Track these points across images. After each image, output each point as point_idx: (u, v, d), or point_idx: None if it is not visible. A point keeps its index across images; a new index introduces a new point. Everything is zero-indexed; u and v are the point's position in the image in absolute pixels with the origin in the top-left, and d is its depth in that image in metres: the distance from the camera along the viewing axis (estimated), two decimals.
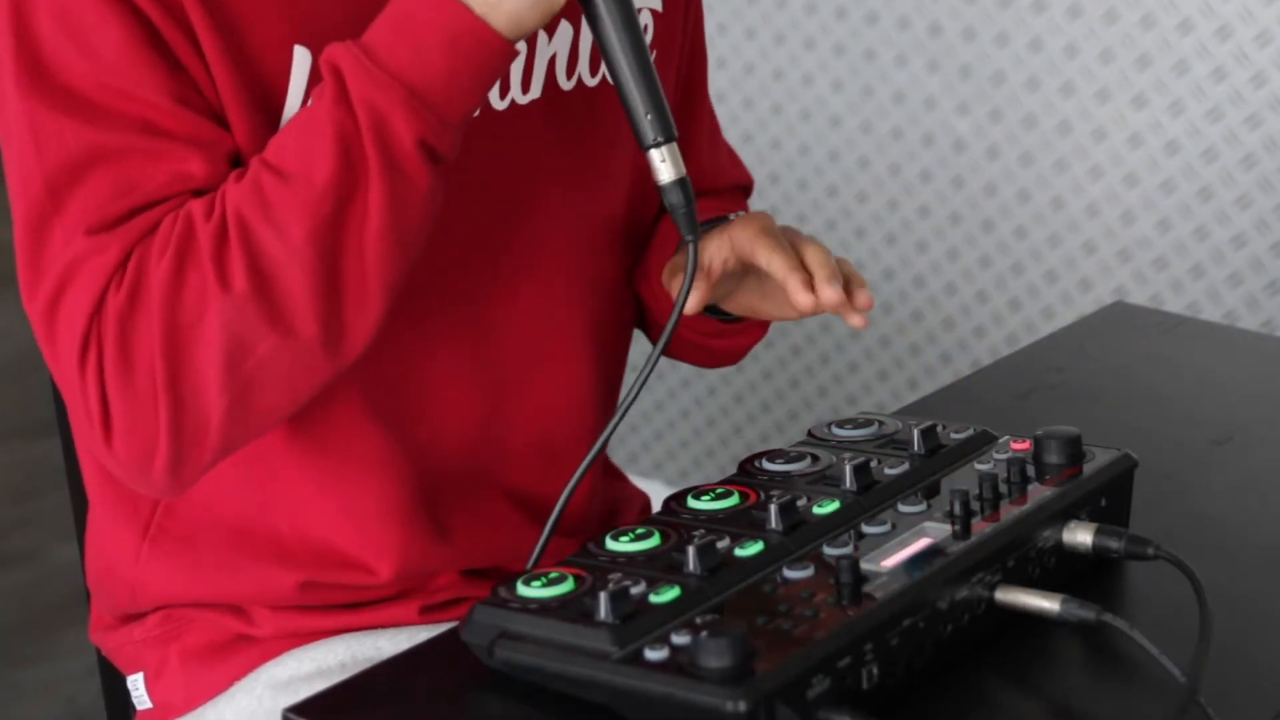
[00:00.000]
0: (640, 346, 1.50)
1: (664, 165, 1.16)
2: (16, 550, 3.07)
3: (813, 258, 1.24)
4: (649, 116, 1.16)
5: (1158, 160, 2.34)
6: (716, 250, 1.26)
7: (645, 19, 1.36)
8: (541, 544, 1.15)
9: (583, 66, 1.33)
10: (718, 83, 2.71)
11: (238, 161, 1.18)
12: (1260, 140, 2.26)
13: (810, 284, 1.22)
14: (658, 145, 1.16)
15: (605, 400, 1.40)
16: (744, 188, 1.58)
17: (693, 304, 1.22)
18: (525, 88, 1.29)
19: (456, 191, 1.22)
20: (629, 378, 1.51)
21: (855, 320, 1.24)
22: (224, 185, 1.15)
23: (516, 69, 1.28)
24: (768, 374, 2.80)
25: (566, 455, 1.33)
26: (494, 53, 1.12)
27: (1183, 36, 2.28)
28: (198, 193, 1.16)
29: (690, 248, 1.17)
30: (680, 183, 1.16)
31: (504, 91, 1.28)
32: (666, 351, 1.42)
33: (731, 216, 1.36)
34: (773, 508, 1.11)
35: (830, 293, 1.21)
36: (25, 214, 1.16)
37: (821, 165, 2.66)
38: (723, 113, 2.60)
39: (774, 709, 0.94)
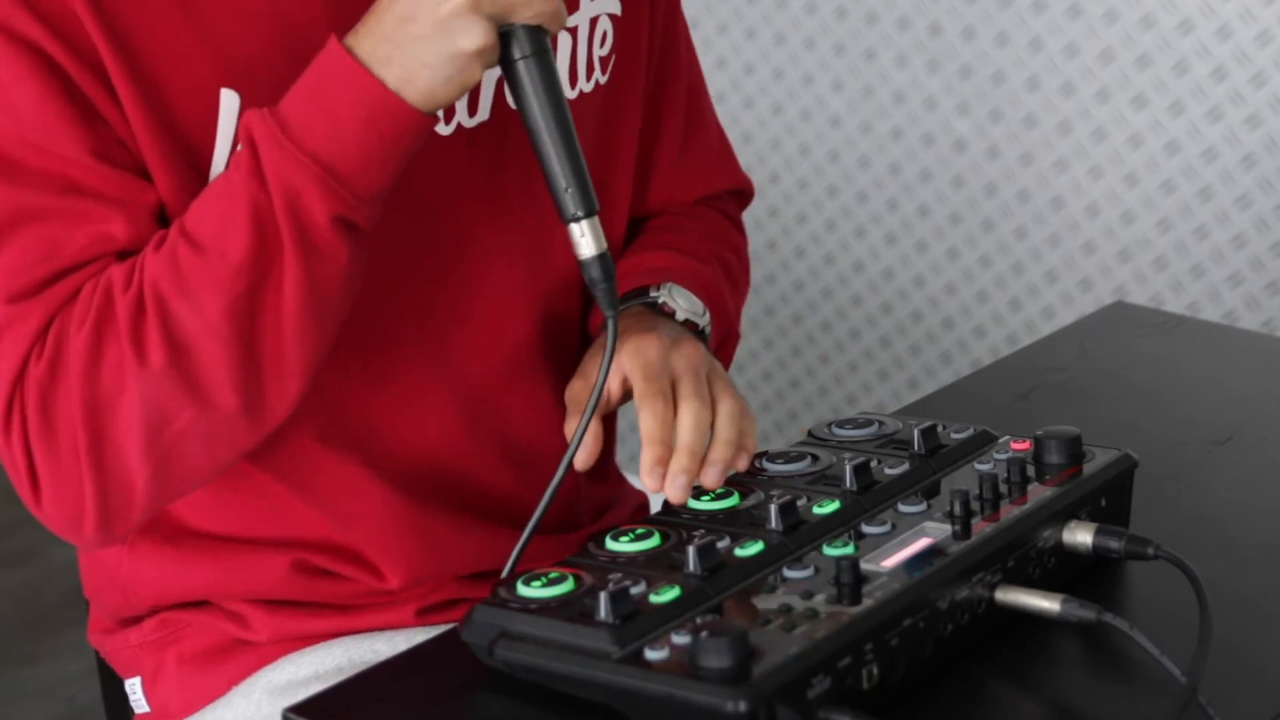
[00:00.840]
0: None
1: (584, 240, 1.15)
2: (16, 550, 3.07)
3: (682, 422, 1.19)
4: (568, 190, 1.14)
5: (1158, 160, 2.34)
6: (612, 375, 1.24)
7: (604, 25, 1.33)
8: (516, 554, 1.14)
9: None
10: (717, 83, 2.70)
11: (164, 216, 1.17)
12: (1260, 140, 2.26)
13: (662, 459, 1.17)
14: (577, 220, 1.15)
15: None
16: (736, 192, 1.54)
17: (582, 460, 1.19)
18: (472, 110, 1.27)
19: (409, 217, 1.22)
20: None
21: (673, 495, 1.18)
22: (144, 252, 1.14)
23: (458, 104, 1.26)
24: (768, 374, 2.80)
25: (542, 460, 1.33)
26: (409, 126, 1.11)
27: (1183, 36, 2.28)
28: (121, 254, 1.15)
29: (609, 323, 1.16)
30: (600, 258, 1.15)
31: (449, 116, 1.26)
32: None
33: (653, 292, 1.34)
34: (773, 508, 1.11)
35: (652, 484, 1.16)
36: None
37: (821, 165, 2.66)
38: (723, 113, 2.59)
39: (774, 709, 0.94)
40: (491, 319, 1.31)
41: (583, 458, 1.20)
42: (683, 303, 1.34)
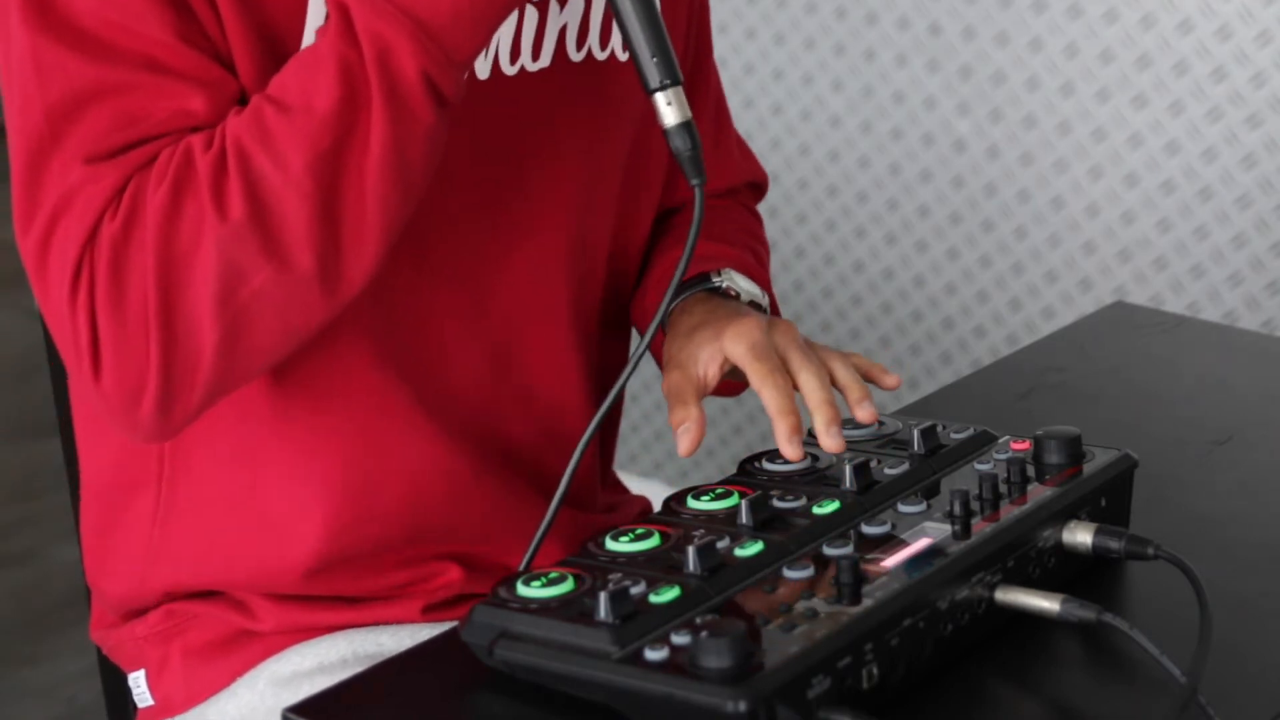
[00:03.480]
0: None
1: (669, 109, 1.15)
2: (16, 550, 3.07)
3: (807, 388, 1.21)
4: (655, 60, 1.15)
5: (1158, 160, 2.34)
6: (710, 360, 1.25)
7: None
8: (537, 540, 1.15)
9: (593, 39, 1.33)
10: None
11: (243, 103, 1.17)
12: (1260, 140, 2.26)
13: (798, 428, 1.18)
14: (663, 88, 1.15)
15: (592, 372, 1.40)
16: (754, 185, 1.57)
17: (689, 443, 1.20)
18: (535, 55, 1.29)
19: (460, 150, 1.22)
20: (647, 369, 1.51)
21: (860, 415, 1.22)
22: (225, 119, 1.14)
23: (528, 36, 1.28)
24: None
25: (564, 428, 1.34)
26: None
27: (1183, 36, 2.28)
28: (198, 130, 1.15)
29: (696, 191, 1.16)
30: (685, 125, 1.15)
31: (514, 56, 1.28)
32: (634, 319, 1.42)
33: (714, 277, 1.35)
34: (773, 507, 1.11)
35: (831, 443, 1.18)
36: (24, 147, 1.15)
37: (821, 165, 2.66)
38: None
39: (774, 709, 0.94)
40: (529, 268, 1.32)
41: (688, 442, 1.20)
42: (744, 284, 1.36)
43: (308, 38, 1.18)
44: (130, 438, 1.25)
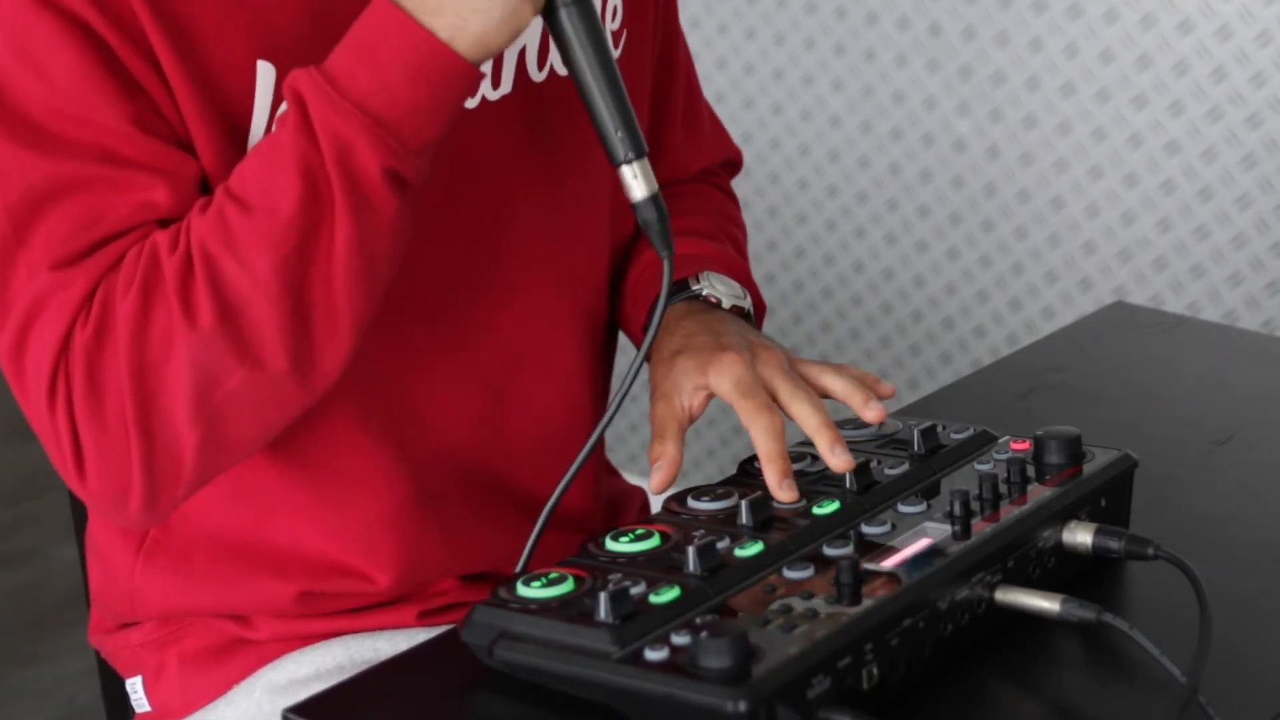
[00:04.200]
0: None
1: (636, 182, 1.14)
2: (16, 550, 3.07)
3: (801, 416, 1.20)
4: (619, 134, 1.14)
5: (1158, 160, 2.34)
6: (694, 393, 1.24)
7: (614, 0, 1.35)
8: (531, 543, 1.14)
9: (554, 56, 1.30)
10: (717, 83, 2.71)
11: (205, 187, 1.17)
12: (1260, 140, 2.26)
13: (787, 472, 1.16)
14: (629, 162, 1.14)
15: (599, 393, 1.39)
16: (728, 163, 1.55)
17: (658, 481, 1.20)
18: (496, 83, 1.27)
19: (433, 194, 1.21)
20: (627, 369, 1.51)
21: (869, 415, 1.22)
22: (189, 216, 1.13)
23: (485, 65, 1.27)
24: None
25: (564, 453, 1.33)
26: (459, 77, 1.10)
27: (1183, 36, 2.28)
28: (163, 222, 1.14)
29: (665, 264, 1.16)
30: (653, 199, 1.14)
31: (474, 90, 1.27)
32: (620, 325, 1.41)
33: (694, 284, 1.33)
34: (773, 508, 1.11)
35: (838, 463, 1.16)
36: None
37: (821, 165, 2.66)
38: (723, 113, 2.60)
39: (774, 709, 0.94)
40: (518, 300, 1.31)
41: (660, 480, 1.20)
42: (722, 288, 1.35)
43: (259, 107, 1.17)
44: (121, 525, 1.25)
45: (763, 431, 1.18)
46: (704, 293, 1.34)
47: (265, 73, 1.16)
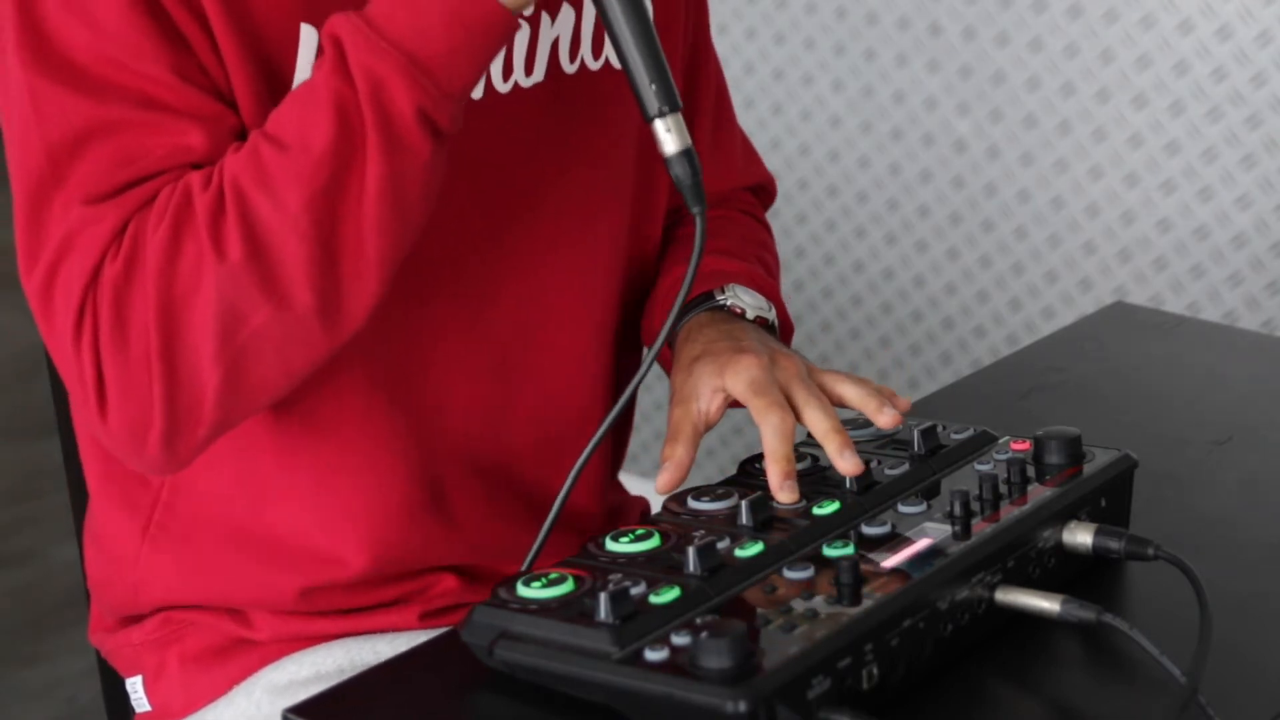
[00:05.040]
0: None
1: (668, 136, 1.14)
2: (16, 550, 3.07)
3: (812, 421, 1.21)
4: (653, 87, 1.14)
5: (1158, 160, 2.34)
6: (712, 396, 1.25)
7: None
8: (541, 538, 1.14)
9: (585, 50, 1.33)
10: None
11: (243, 138, 1.17)
12: (1260, 140, 2.26)
13: (790, 474, 1.16)
14: (662, 115, 1.14)
15: (607, 386, 1.39)
16: (757, 188, 1.56)
17: (667, 481, 1.20)
18: (529, 70, 1.29)
19: (458, 171, 1.22)
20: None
21: (882, 421, 1.22)
22: (224, 157, 1.14)
23: (520, 52, 1.28)
24: None
25: (570, 446, 1.33)
26: (495, 24, 1.11)
27: (1183, 36, 2.28)
28: (197, 166, 1.15)
29: (698, 220, 1.15)
30: (685, 154, 1.14)
31: (507, 73, 1.28)
32: (644, 340, 1.42)
33: (719, 295, 1.35)
34: (773, 508, 1.11)
35: (847, 466, 1.17)
36: (26, 187, 1.16)
37: (821, 165, 2.66)
38: None
39: (774, 709, 0.94)
40: (531, 282, 1.32)
41: (665, 480, 1.20)
42: (748, 300, 1.35)
43: (301, 68, 1.18)
44: (139, 470, 1.25)
45: (771, 430, 1.19)
46: (728, 303, 1.35)
47: (308, 36, 1.18)
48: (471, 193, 1.27)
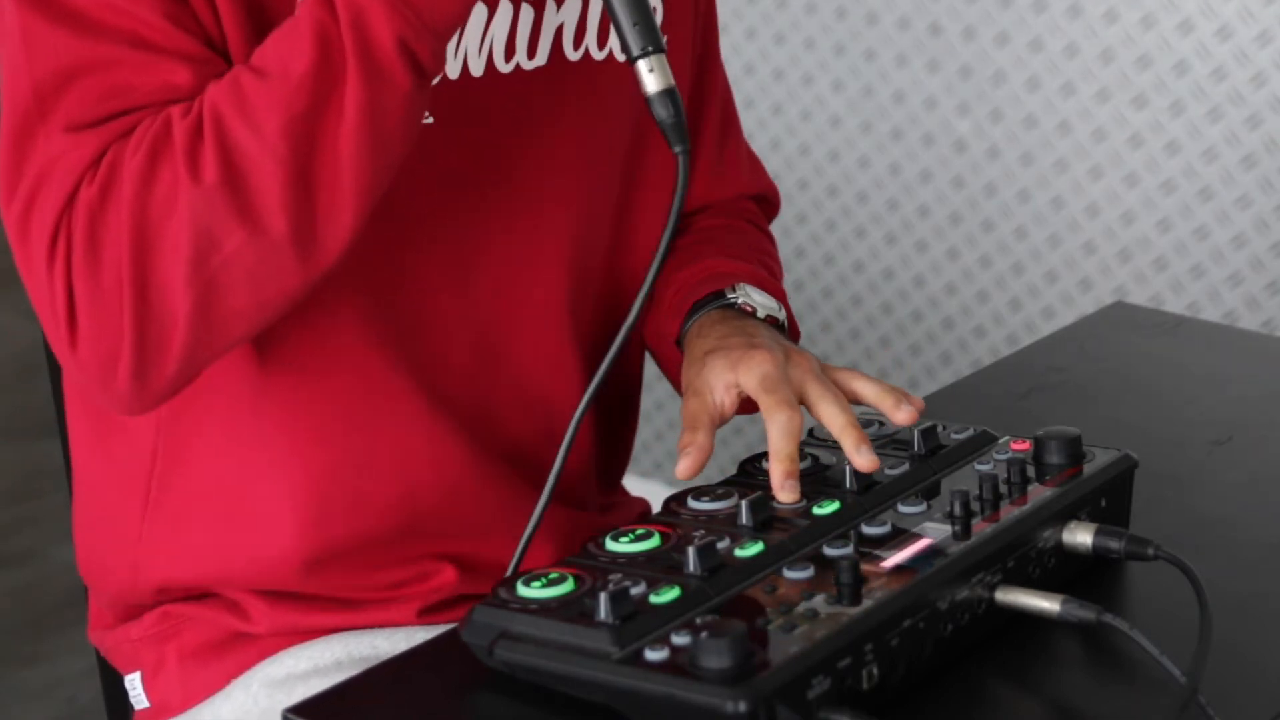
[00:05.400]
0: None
1: (650, 76, 1.14)
2: (16, 550, 3.07)
3: (827, 417, 1.20)
4: (636, 26, 1.14)
5: (1158, 160, 2.34)
6: (725, 390, 1.25)
7: (654, 1, 1.36)
8: (525, 541, 1.14)
9: (590, 39, 1.33)
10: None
11: None
12: (1260, 140, 2.26)
13: (791, 473, 1.16)
14: (645, 55, 1.14)
15: (587, 361, 1.39)
16: (759, 198, 1.55)
17: (688, 467, 1.19)
18: (531, 54, 1.29)
19: (454, 143, 1.23)
20: (647, 370, 1.51)
21: (900, 418, 1.22)
22: (206, 89, 1.15)
23: (523, 36, 1.29)
24: None
25: (556, 413, 1.34)
26: None
27: (1183, 36, 2.28)
28: (182, 102, 1.16)
29: (680, 159, 1.15)
30: (668, 92, 1.14)
31: (509, 55, 1.28)
32: (649, 343, 1.42)
33: (730, 294, 1.35)
34: (773, 508, 1.11)
35: (863, 463, 1.16)
36: (11, 120, 1.16)
37: (821, 165, 2.66)
38: None
39: (774, 709, 0.94)
40: (520, 260, 1.32)
41: (686, 465, 1.19)
42: (759, 299, 1.35)
43: None
44: (110, 408, 1.24)
45: (778, 428, 1.19)
46: (739, 301, 1.35)
47: None
48: (465, 166, 1.28)
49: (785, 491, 1.15)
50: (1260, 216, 2.28)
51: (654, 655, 0.97)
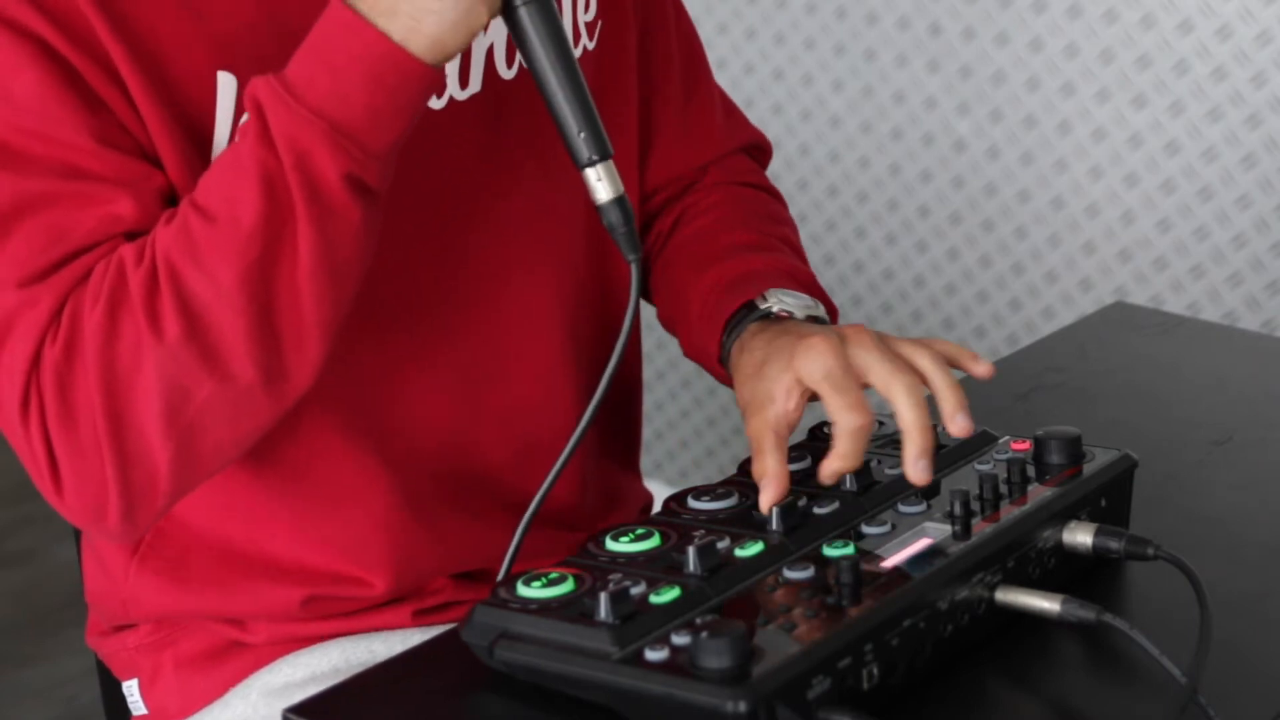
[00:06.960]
0: (669, 346, 1.49)
1: (600, 184, 1.13)
2: (16, 550, 3.07)
3: (902, 407, 1.13)
4: (582, 135, 1.12)
5: (1158, 160, 2.34)
6: (787, 394, 1.17)
7: None
8: (511, 552, 1.14)
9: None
10: (718, 83, 2.70)
11: (171, 198, 1.16)
12: (1260, 140, 2.26)
13: (844, 472, 1.13)
14: (593, 164, 1.13)
15: (583, 390, 1.37)
16: (749, 148, 1.50)
17: (769, 498, 1.12)
18: (464, 83, 1.26)
19: (406, 197, 1.20)
20: (647, 370, 1.49)
21: (979, 370, 1.19)
22: (154, 229, 1.13)
23: (453, 65, 1.25)
24: None
25: (547, 449, 1.32)
26: (416, 79, 1.09)
27: (1183, 36, 2.28)
28: (129, 235, 1.14)
29: (633, 268, 1.14)
30: (618, 201, 1.13)
31: (440, 91, 1.25)
32: (692, 357, 1.38)
33: (761, 305, 1.27)
34: (774, 508, 1.11)
35: (916, 476, 1.12)
36: None
37: (821, 165, 2.66)
38: None
39: (774, 709, 0.94)
40: (493, 298, 1.30)
41: (766, 498, 1.12)
42: (791, 301, 1.28)
43: (221, 118, 1.17)
44: (104, 539, 1.24)
45: (845, 434, 1.13)
46: (774, 309, 1.28)
47: (226, 83, 1.16)
48: (422, 216, 1.26)
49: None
50: (1260, 216, 2.28)
51: (654, 655, 0.97)
